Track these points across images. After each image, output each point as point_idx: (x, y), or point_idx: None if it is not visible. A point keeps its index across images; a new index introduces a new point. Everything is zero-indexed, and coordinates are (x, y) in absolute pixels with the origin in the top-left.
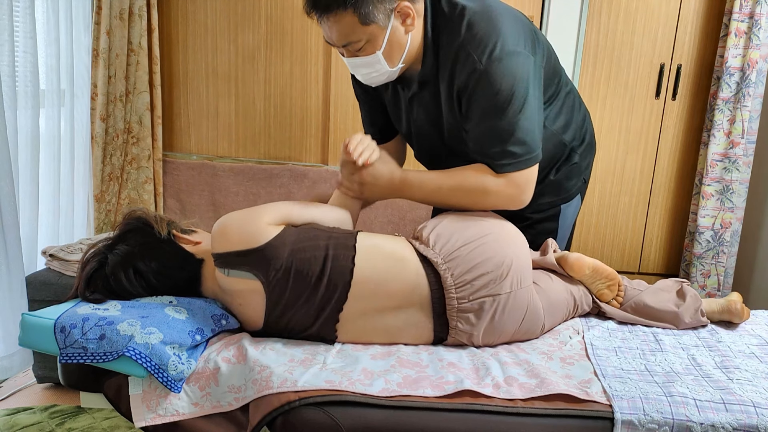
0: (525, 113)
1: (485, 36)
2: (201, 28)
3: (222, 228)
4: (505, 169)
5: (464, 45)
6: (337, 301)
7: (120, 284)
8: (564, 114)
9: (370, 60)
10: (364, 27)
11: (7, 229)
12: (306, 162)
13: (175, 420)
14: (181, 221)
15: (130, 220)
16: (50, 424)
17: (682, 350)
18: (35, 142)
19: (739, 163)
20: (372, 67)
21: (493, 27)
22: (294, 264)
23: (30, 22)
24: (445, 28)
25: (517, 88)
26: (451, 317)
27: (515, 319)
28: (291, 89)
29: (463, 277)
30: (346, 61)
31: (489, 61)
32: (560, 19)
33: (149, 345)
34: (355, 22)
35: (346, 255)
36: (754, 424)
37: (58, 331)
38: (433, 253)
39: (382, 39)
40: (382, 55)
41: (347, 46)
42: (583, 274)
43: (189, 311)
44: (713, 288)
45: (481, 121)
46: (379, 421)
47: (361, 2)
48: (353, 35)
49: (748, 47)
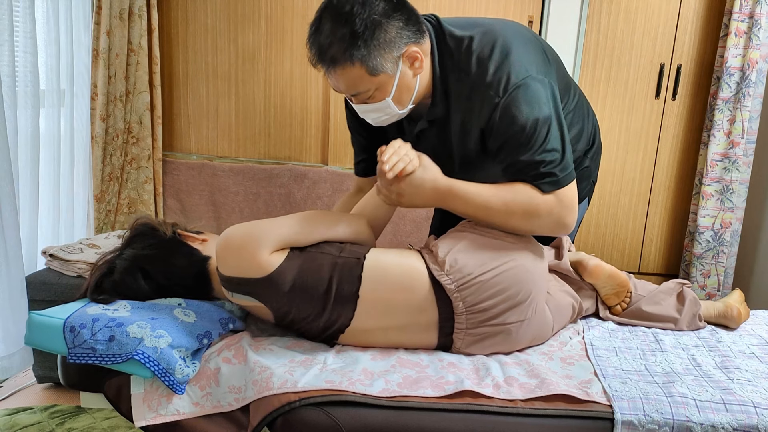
0: (550, 137)
1: (497, 70)
2: (201, 28)
3: (224, 249)
4: (547, 189)
5: (478, 84)
6: (341, 324)
7: (129, 287)
8: (576, 124)
9: (379, 106)
10: (372, 78)
11: (7, 229)
12: (306, 162)
13: (176, 420)
14: (186, 224)
15: (136, 227)
16: (50, 424)
17: (682, 350)
18: (35, 142)
19: (739, 163)
20: (382, 112)
21: (502, 58)
22: (296, 295)
23: (30, 22)
24: (453, 67)
25: (540, 115)
26: (458, 339)
27: (525, 339)
28: (291, 89)
29: (476, 305)
30: (355, 107)
31: (506, 94)
32: (560, 19)
33: (158, 349)
34: (363, 74)
35: (350, 285)
36: (754, 424)
37: (67, 330)
38: (447, 279)
39: (391, 86)
40: (392, 100)
41: (356, 95)
42: (599, 279)
43: (197, 314)
44: (713, 288)
45: (512, 154)
46: (379, 421)
47: (368, 55)
48: (362, 86)
49: (748, 47)
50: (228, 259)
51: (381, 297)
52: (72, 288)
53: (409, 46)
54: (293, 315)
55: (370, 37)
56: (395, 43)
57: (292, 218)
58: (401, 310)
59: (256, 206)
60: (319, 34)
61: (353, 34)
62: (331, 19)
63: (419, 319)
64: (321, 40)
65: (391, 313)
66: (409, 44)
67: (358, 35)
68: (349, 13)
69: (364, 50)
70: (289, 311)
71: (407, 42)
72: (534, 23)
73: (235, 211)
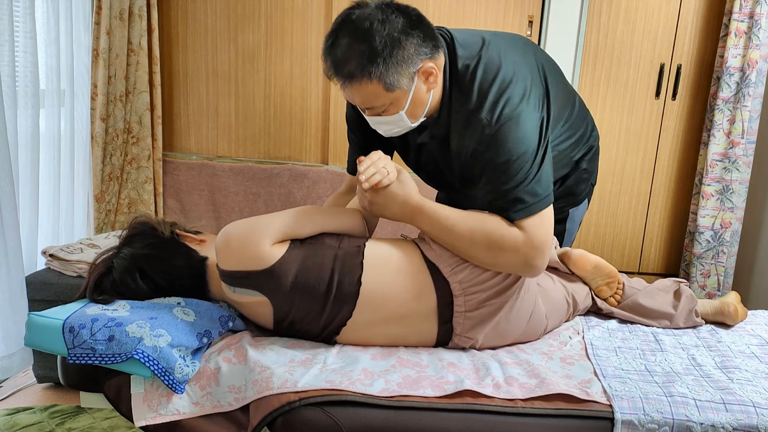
0: (533, 169)
1: (495, 99)
2: (201, 28)
3: (225, 244)
4: (518, 215)
5: (475, 112)
6: (343, 317)
7: (128, 287)
8: (574, 130)
9: (392, 119)
10: (388, 93)
11: (7, 229)
12: (306, 162)
13: (176, 419)
14: (186, 224)
15: (135, 226)
16: (50, 424)
17: (682, 350)
18: (35, 142)
19: (739, 163)
20: (394, 125)
21: (501, 87)
22: (299, 285)
23: (30, 22)
24: (459, 91)
25: (527, 148)
26: (457, 324)
27: (519, 324)
28: (291, 89)
29: (472, 284)
30: (368, 119)
31: (498, 124)
32: (560, 19)
33: (158, 348)
34: (380, 90)
35: (353, 274)
36: (754, 424)
37: (67, 331)
38: (442, 261)
39: (405, 100)
40: (405, 114)
41: (371, 108)
42: (586, 270)
43: (197, 313)
44: (713, 288)
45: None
46: (379, 421)
47: (385, 72)
48: (377, 101)
49: (748, 47)
50: (229, 253)
51: (381, 284)
52: (72, 288)
53: (425, 62)
54: (294, 313)
55: (388, 54)
56: (412, 60)
57: (290, 211)
58: (400, 297)
59: (256, 206)
60: (336, 48)
61: (372, 51)
62: (349, 34)
63: (418, 307)
64: (338, 55)
65: (390, 303)
66: (425, 60)
67: (377, 53)
68: (368, 30)
69: (382, 67)
70: (290, 309)
71: (423, 58)
72: (534, 23)
73: (234, 211)
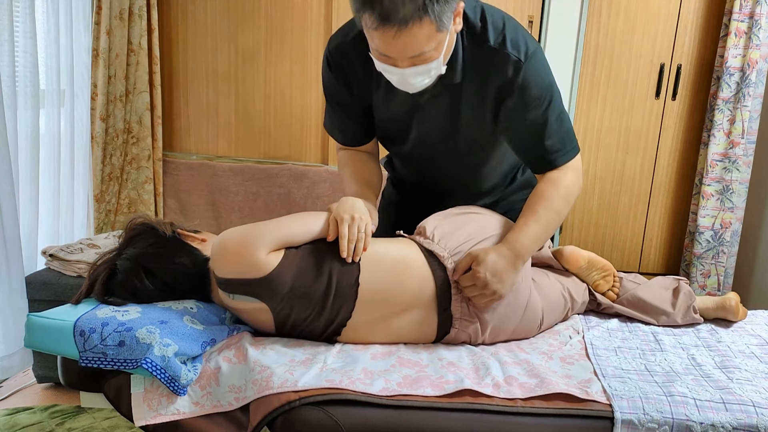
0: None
1: (514, 37)
2: (201, 28)
3: (221, 252)
4: (564, 159)
5: (498, 50)
6: (342, 318)
7: (135, 288)
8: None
9: (429, 66)
10: (438, 34)
11: (7, 229)
12: (306, 162)
13: (176, 419)
14: (183, 224)
15: (134, 227)
16: (50, 424)
17: (682, 350)
18: (35, 142)
19: (739, 163)
20: (428, 74)
21: (514, 30)
22: (297, 291)
23: (30, 22)
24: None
25: (553, 82)
26: (456, 308)
27: (516, 313)
28: (291, 89)
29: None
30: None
31: (527, 58)
32: (560, 19)
33: (166, 358)
34: (433, 31)
35: (350, 275)
36: (754, 423)
37: (77, 334)
38: (438, 247)
39: (444, 43)
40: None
41: (418, 56)
42: (578, 266)
43: (207, 320)
44: (713, 288)
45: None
46: (379, 420)
47: (440, 10)
48: (427, 45)
49: (748, 47)
50: (226, 261)
51: (380, 282)
52: (72, 288)
53: (459, 2)
54: (294, 317)
55: None
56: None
57: (285, 218)
58: (400, 293)
59: (255, 206)
60: None
61: None
62: None
63: (418, 299)
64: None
65: (390, 299)
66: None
67: None
68: None
69: (437, 6)
70: (290, 313)
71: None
72: (534, 23)
73: (234, 211)
